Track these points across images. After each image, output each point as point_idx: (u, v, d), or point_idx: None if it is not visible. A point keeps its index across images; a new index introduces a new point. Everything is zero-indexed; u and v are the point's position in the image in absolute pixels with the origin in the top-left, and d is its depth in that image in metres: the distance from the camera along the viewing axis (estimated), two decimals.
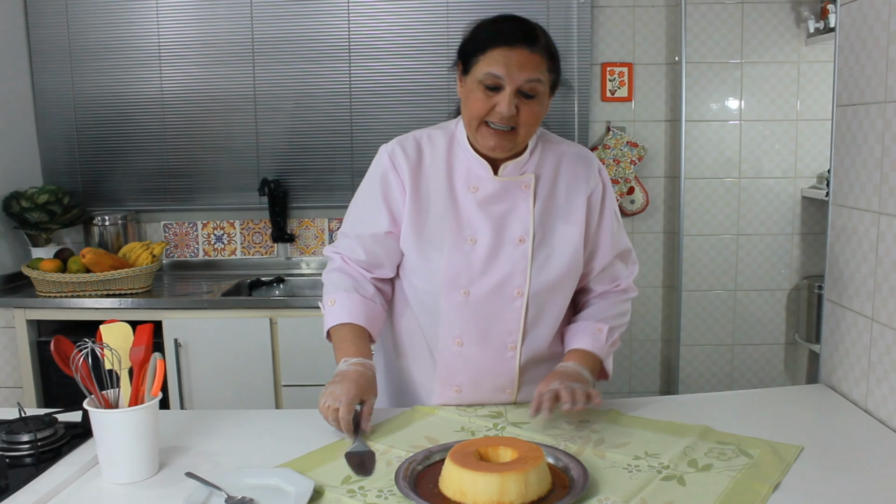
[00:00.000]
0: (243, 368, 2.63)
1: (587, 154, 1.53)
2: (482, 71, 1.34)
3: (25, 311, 2.66)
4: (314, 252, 3.24)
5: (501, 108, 1.34)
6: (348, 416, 1.31)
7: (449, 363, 1.50)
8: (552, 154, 1.49)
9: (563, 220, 1.46)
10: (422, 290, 1.49)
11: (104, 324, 1.25)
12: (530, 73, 1.33)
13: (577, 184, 1.48)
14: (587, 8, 3.05)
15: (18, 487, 1.17)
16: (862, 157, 1.52)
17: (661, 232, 3.26)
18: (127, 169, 3.17)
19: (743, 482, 1.15)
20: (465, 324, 1.46)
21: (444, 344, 1.49)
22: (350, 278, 1.52)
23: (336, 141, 3.14)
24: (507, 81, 1.33)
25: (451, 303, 1.46)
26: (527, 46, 1.34)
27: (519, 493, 1.07)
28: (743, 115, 3.13)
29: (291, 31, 3.08)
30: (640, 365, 3.36)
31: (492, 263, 1.44)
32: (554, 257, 1.46)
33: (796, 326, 3.22)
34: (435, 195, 1.46)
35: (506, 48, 1.33)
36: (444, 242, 1.44)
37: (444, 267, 1.44)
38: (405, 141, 1.50)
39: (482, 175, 1.45)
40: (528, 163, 1.46)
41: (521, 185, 1.45)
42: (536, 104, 1.36)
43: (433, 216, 1.45)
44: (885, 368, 1.43)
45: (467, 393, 1.51)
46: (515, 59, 1.33)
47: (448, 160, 1.47)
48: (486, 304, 1.45)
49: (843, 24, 1.59)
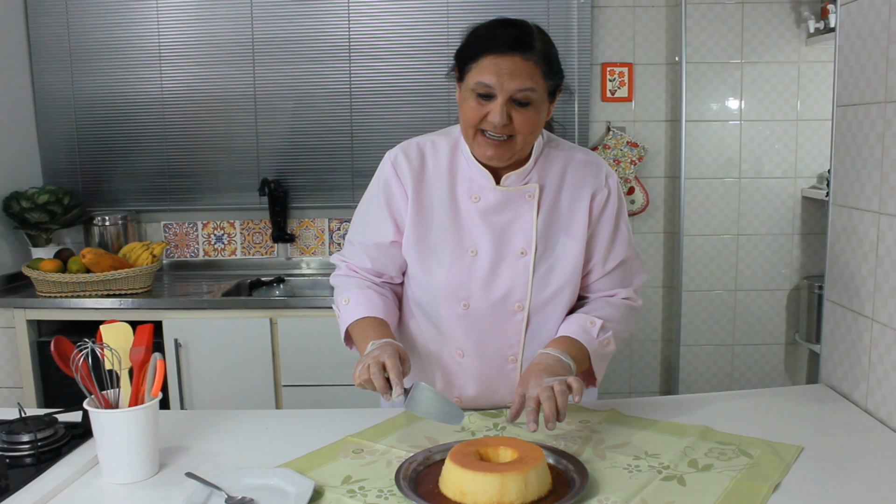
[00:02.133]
0: (243, 368, 2.63)
1: (596, 160, 1.47)
2: (474, 79, 1.31)
3: (25, 311, 2.66)
4: (314, 252, 3.24)
5: (493, 117, 1.30)
6: (379, 372, 1.23)
7: (451, 373, 1.50)
8: (558, 161, 1.44)
9: (565, 232, 1.43)
10: (424, 299, 1.49)
11: (104, 324, 1.25)
12: (522, 82, 1.29)
13: (581, 191, 1.43)
14: (587, 8, 3.05)
15: (18, 487, 1.17)
16: (862, 157, 1.52)
17: (661, 232, 3.26)
18: (127, 169, 3.17)
19: (743, 482, 1.15)
20: (465, 336, 1.45)
21: (446, 353, 1.49)
22: (361, 280, 1.51)
23: (336, 141, 3.13)
24: (498, 91, 1.29)
25: (452, 314, 1.45)
26: (520, 54, 1.29)
27: (519, 493, 1.07)
28: (743, 115, 3.13)
29: (291, 31, 3.07)
30: (640, 365, 3.36)
31: (493, 276, 1.42)
32: (556, 270, 1.43)
33: (796, 326, 3.22)
34: (437, 204, 1.43)
35: (497, 56, 1.29)
36: (445, 253, 1.42)
37: (444, 279, 1.43)
38: (408, 147, 1.47)
39: (484, 185, 1.42)
40: (532, 172, 1.42)
41: (525, 196, 1.42)
42: (531, 112, 1.32)
43: (435, 225, 1.43)
44: (885, 368, 1.43)
45: (468, 403, 1.51)
46: (507, 67, 1.29)
47: (451, 168, 1.44)
48: (486, 317, 1.43)
49: (843, 24, 1.59)
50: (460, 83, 1.37)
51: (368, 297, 1.45)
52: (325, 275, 3.11)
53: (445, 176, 1.44)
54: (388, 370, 1.24)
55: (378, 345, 1.32)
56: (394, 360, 1.25)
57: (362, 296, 1.46)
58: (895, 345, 1.41)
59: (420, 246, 1.44)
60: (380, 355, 1.27)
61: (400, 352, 1.31)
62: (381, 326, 1.41)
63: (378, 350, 1.29)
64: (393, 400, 1.24)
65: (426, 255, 1.44)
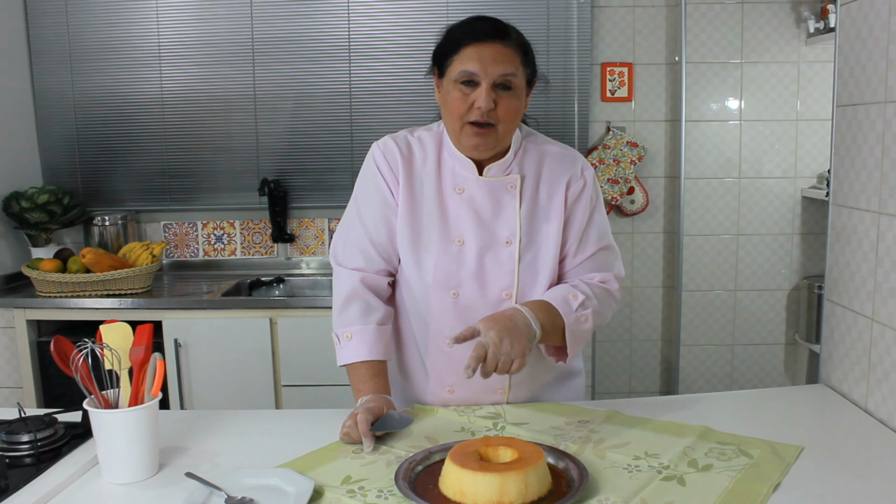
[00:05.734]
0: (243, 368, 2.63)
1: (572, 154, 1.52)
2: (457, 69, 1.37)
3: (25, 311, 2.66)
4: (314, 252, 3.24)
5: (480, 102, 1.35)
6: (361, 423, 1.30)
7: (439, 364, 1.51)
8: (535, 154, 1.50)
9: (546, 220, 1.46)
10: (414, 289, 1.50)
11: (104, 324, 1.25)
12: (504, 66, 1.36)
13: (557, 181, 1.48)
14: (587, 8, 3.05)
15: (18, 487, 1.17)
16: (862, 157, 1.52)
17: (661, 232, 3.26)
18: (127, 169, 3.17)
19: (743, 482, 1.15)
20: (454, 325, 1.46)
21: (433, 344, 1.50)
22: (362, 302, 1.49)
23: (336, 141, 3.14)
24: (482, 76, 1.35)
25: (441, 304, 1.47)
26: (499, 41, 1.37)
27: (519, 493, 1.07)
28: (743, 115, 3.13)
29: (291, 31, 3.07)
30: (640, 365, 3.36)
31: (480, 266, 1.45)
32: (540, 258, 1.46)
33: (796, 326, 3.22)
34: (427, 195, 1.47)
35: (478, 44, 1.36)
36: (433, 243, 1.46)
37: (432, 268, 1.45)
38: (397, 138, 1.52)
39: (468, 176, 1.46)
40: (513, 164, 1.47)
41: (507, 186, 1.46)
42: (514, 98, 1.38)
43: (424, 216, 1.47)
44: (885, 368, 1.43)
45: (459, 393, 1.52)
46: (489, 53, 1.35)
47: (437, 161, 1.49)
48: (475, 306, 1.45)
49: (843, 24, 1.59)
50: (441, 80, 1.43)
51: (371, 335, 1.46)
52: (325, 275, 3.11)
53: (433, 168, 1.48)
54: (358, 424, 1.30)
55: (364, 400, 1.40)
56: (364, 416, 1.31)
57: (364, 332, 1.46)
58: (895, 345, 1.41)
59: (411, 235, 1.47)
60: (349, 422, 1.33)
61: (385, 406, 1.38)
62: (376, 377, 1.45)
63: (362, 409, 1.35)
64: (366, 451, 1.29)
65: (416, 244, 1.47)
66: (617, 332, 3.32)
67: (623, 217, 3.21)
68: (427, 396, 1.55)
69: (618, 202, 3.14)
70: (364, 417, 1.31)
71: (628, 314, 3.30)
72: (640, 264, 3.25)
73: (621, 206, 3.17)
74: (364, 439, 1.29)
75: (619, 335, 3.32)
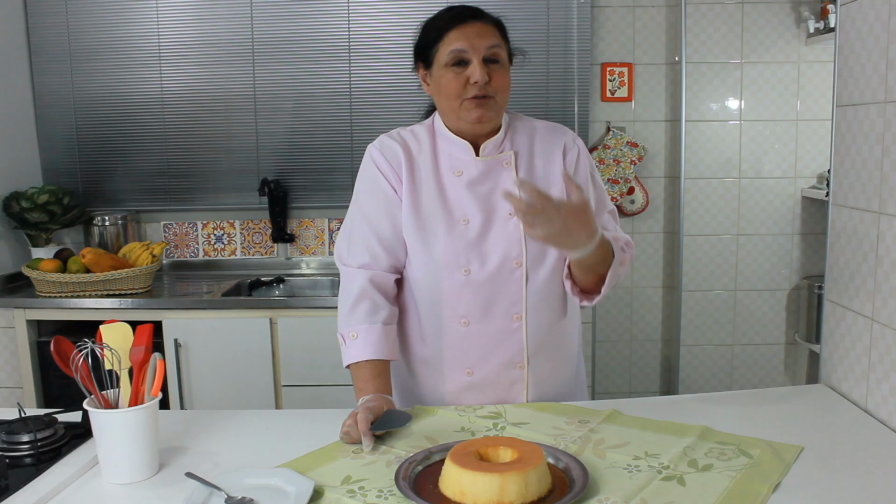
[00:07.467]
0: (243, 368, 2.63)
1: (560, 127, 1.59)
2: (446, 53, 1.43)
3: (25, 311, 2.66)
4: (314, 252, 3.24)
5: (475, 76, 1.41)
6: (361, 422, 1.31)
7: (456, 345, 1.52)
8: (525, 130, 1.56)
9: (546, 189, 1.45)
10: (425, 276, 1.51)
11: (104, 324, 1.25)
12: (490, 40, 1.43)
13: (551, 154, 1.53)
14: (587, 8, 3.05)
15: (18, 487, 1.17)
16: (862, 157, 1.52)
17: (661, 232, 3.26)
18: (127, 169, 3.17)
19: (743, 482, 1.15)
20: (469, 302, 1.49)
21: (449, 327, 1.51)
22: (370, 301, 1.50)
23: (336, 141, 3.14)
24: (472, 53, 1.42)
25: (454, 283, 1.48)
26: (479, 19, 1.45)
27: (519, 493, 1.07)
28: (743, 115, 3.13)
29: (291, 31, 3.08)
30: (640, 365, 3.36)
31: (487, 239, 1.49)
32: None
33: (796, 326, 3.22)
34: (426, 185, 1.51)
35: (461, 26, 1.43)
36: (439, 227, 1.49)
37: (442, 248, 1.48)
38: (392, 135, 1.58)
39: (465, 158, 1.51)
40: (505, 141, 1.53)
41: (503, 163, 1.51)
42: (503, 70, 1.45)
43: (426, 205, 1.50)
44: (885, 368, 1.43)
45: (479, 372, 1.52)
46: (473, 31, 1.43)
47: (433, 150, 1.54)
48: (487, 279, 1.48)
49: (843, 24, 1.59)
50: (428, 70, 1.49)
51: (376, 335, 1.47)
52: (325, 275, 3.11)
53: (429, 158, 1.53)
54: (358, 423, 1.31)
55: (365, 399, 1.41)
56: (364, 415, 1.32)
57: (370, 332, 1.47)
58: (895, 345, 1.41)
59: (417, 224, 1.50)
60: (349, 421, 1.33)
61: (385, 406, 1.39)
62: (378, 377, 1.45)
63: (362, 408, 1.35)
64: (366, 450, 1.29)
65: (423, 231, 1.50)
66: (617, 332, 3.32)
67: (623, 217, 3.21)
68: (445, 385, 1.54)
69: (618, 202, 3.14)
70: (364, 416, 1.31)
71: (628, 314, 3.30)
72: (641, 264, 3.25)
73: (621, 206, 3.17)
74: (364, 438, 1.29)
75: (619, 335, 3.33)
